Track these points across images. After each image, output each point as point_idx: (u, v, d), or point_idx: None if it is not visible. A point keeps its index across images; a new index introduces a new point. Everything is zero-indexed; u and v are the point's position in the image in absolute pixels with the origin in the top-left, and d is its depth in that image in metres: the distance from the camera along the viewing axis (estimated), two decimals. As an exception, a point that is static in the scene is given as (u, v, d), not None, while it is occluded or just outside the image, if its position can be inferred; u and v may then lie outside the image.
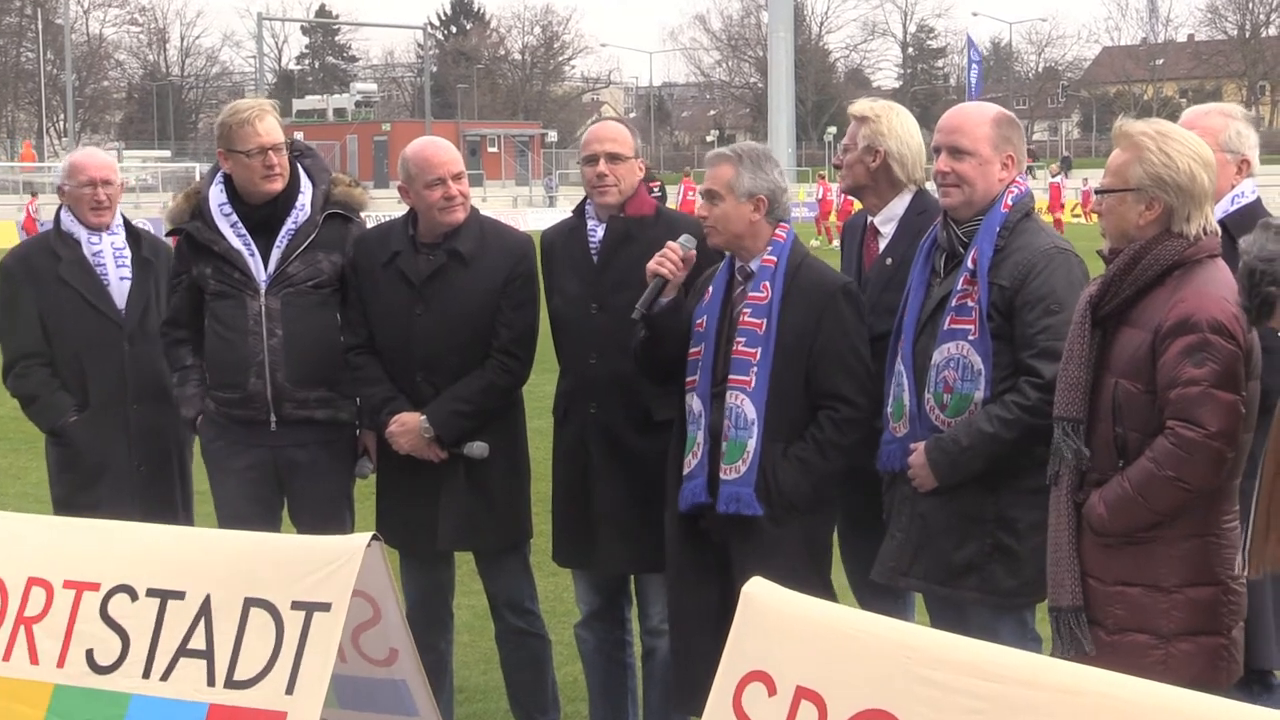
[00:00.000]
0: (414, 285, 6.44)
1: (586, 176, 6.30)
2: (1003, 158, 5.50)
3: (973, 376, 5.38)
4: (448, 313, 6.41)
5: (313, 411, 6.63)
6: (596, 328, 6.24)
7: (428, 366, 6.44)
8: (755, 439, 5.61)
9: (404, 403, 6.44)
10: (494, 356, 6.44)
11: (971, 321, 5.37)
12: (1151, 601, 4.81)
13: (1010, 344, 5.35)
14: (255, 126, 6.53)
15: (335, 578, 4.94)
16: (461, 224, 6.47)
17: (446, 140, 6.74)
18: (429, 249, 6.48)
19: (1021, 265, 5.36)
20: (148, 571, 5.21)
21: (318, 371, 6.61)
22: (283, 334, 6.55)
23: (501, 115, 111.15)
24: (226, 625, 5.03)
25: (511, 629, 6.74)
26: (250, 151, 6.53)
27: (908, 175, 6.16)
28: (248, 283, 6.58)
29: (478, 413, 6.41)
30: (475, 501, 6.47)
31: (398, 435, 6.43)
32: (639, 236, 6.22)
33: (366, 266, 6.54)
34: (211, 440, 6.75)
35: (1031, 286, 5.33)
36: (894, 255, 6.09)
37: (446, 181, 6.40)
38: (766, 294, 5.67)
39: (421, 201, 6.44)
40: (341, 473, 6.79)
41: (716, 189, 5.77)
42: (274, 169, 6.55)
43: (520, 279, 6.45)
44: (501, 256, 6.47)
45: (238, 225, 6.62)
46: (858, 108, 6.27)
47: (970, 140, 5.49)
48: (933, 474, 5.43)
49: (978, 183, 5.47)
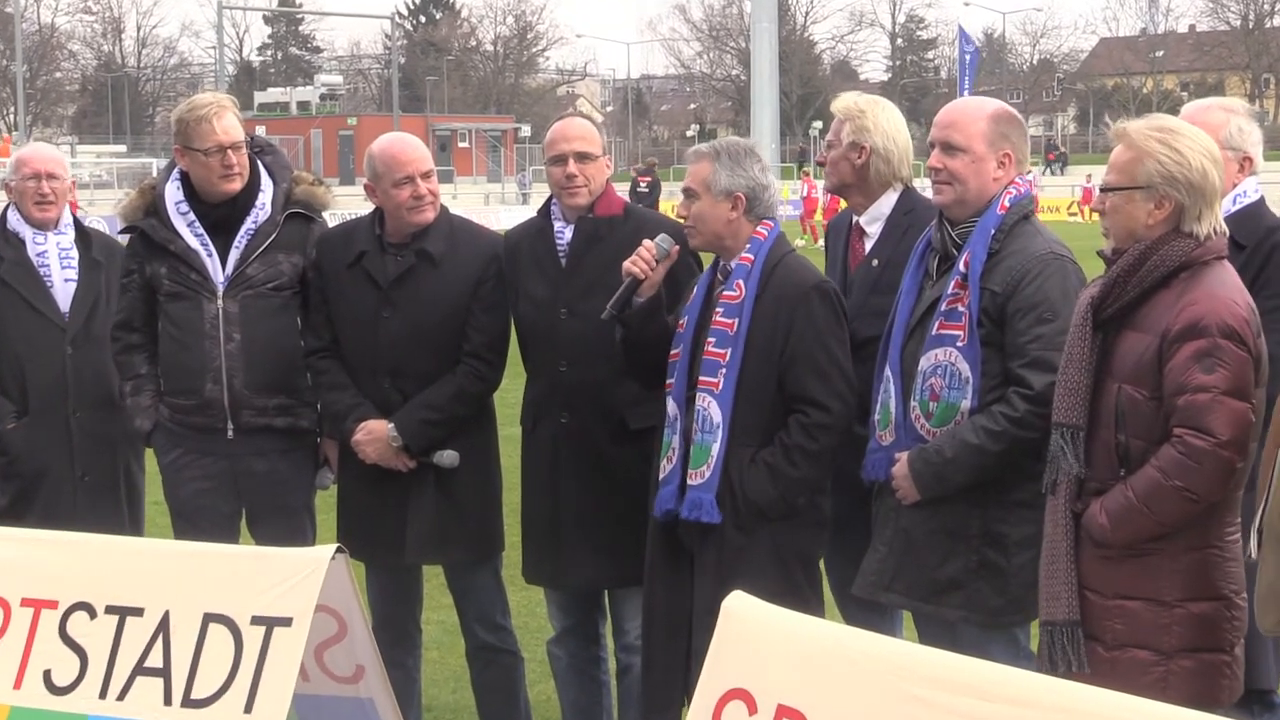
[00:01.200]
0: (381, 287, 6.44)
1: (554, 178, 6.30)
2: (999, 156, 5.49)
3: (960, 385, 5.37)
4: (416, 316, 6.41)
5: (272, 419, 6.62)
6: (566, 333, 6.24)
7: (395, 372, 6.44)
8: (720, 443, 5.61)
9: (370, 409, 6.44)
10: (465, 361, 6.43)
11: (961, 327, 5.36)
12: (1152, 616, 4.81)
13: (1000, 352, 5.35)
14: (213, 124, 6.52)
15: (297, 592, 4.92)
16: (431, 223, 6.46)
17: (415, 137, 6.73)
18: (397, 249, 6.48)
19: (1015, 270, 5.35)
20: (107, 588, 5.19)
21: (277, 377, 6.60)
22: (241, 338, 6.54)
23: (473, 109, 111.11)
24: (185, 642, 5.02)
25: (482, 645, 6.74)
26: (208, 150, 6.52)
27: (894, 173, 6.17)
28: (204, 284, 6.56)
29: (448, 420, 6.41)
30: (444, 512, 6.47)
31: (364, 444, 6.43)
32: (609, 237, 6.22)
33: (330, 267, 6.53)
34: (166, 450, 6.73)
35: (1024, 293, 5.32)
36: (880, 256, 6.09)
37: (415, 180, 6.40)
38: (740, 293, 5.66)
39: (389, 201, 6.44)
40: (302, 483, 6.79)
41: (694, 187, 5.78)
42: (232, 169, 6.54)
43: (492, 280, 6.45)
44: (472, 257, 6.47)
45: (195, 224, 6.61)
46: (841, 104, 6.27)
47: (963, 136, 5.48)
48: (915, 486, 5.43)
49: (970, 181, 5.46)
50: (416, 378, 6.42)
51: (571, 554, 6.29)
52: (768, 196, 5.80)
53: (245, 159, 6.60)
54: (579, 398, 6.23)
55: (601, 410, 6.22)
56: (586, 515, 6.25)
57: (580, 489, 6.26)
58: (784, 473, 5.62)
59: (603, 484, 6.23)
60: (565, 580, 6.42)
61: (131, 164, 71.39)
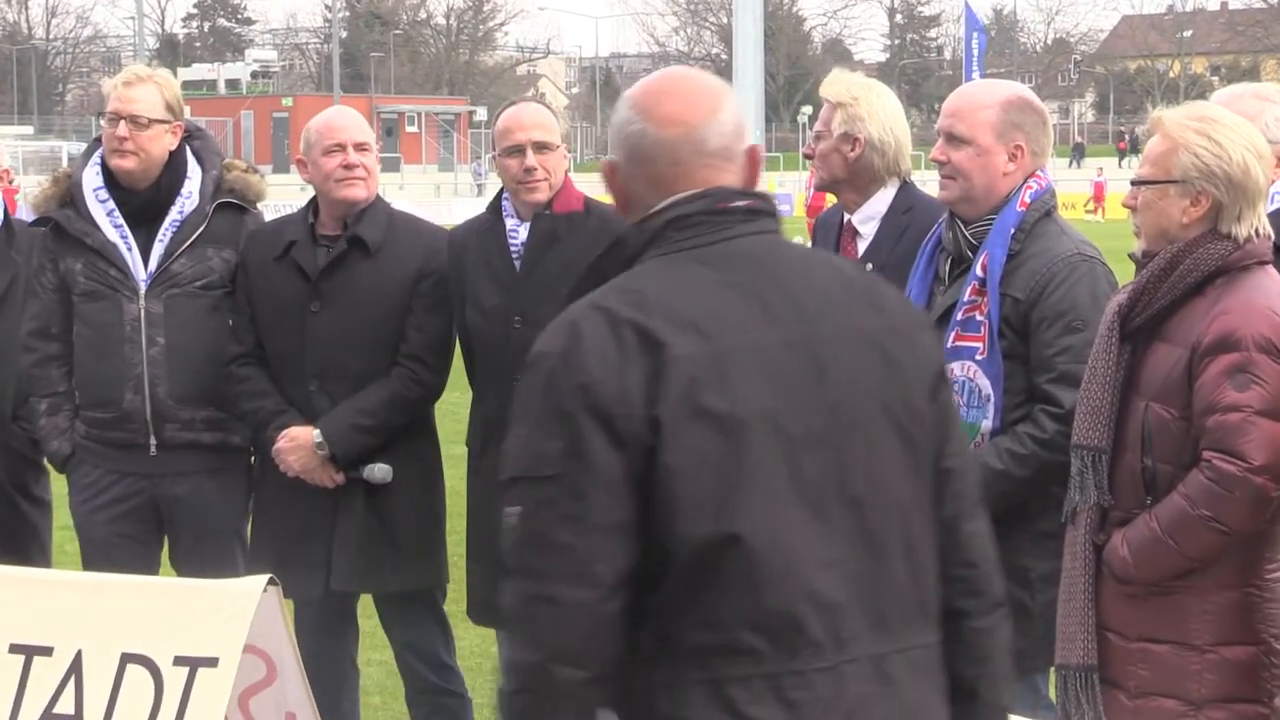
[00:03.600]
0: (309, 279, 6.44)
1: (510, 171, 6.28)
2: (1009, 148, 5.47)
3: (980, 403, 5.37)
4: (348, 310, 6.41)
5: (199, 434, 6.60)
6: (520, 345, 6.16)
7: (324, 373, 6.43)
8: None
9: (294, 416, 6.43)
10: (402, 364, 6.43)
11: (980, 338, 5.36)
12: (1181, 662, 4.80)
13: (1024, 366, 5.33)
14: (119, 90, 6.53)
15: (224, 629, 4.92)
16: (365, 209, 6.48)
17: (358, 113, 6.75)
18: (330, 239, 6.50)
19: (1039, 274, 5.35)
20: (11, 625, 5.18)
21: (205, 387, 6.57)
22: (165, 342, 6.51)
23: (423, 89, 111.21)
24: (99, 685, 5.01)
25: (426, 688, 6.72)
26: (107, 117, 6.54)
27: (890, 167, 6.16)
28: (124, 282, 6.53)
29: (381, 428, 6.40)
30: (376, 534, 6.45)
31: (287, 453, 6.40)
32: (568, 236, 6.22)
33: (257, 262, 6.53)
34: (79, 469, 6.70)
35: (1050, 300, 5.32)
36: (874, 260, 6.07)
37: (346, 148, 6.41)
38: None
39: (318, 172, 6.45)
40: (232, 507, 6.75)
41: None
42: (124, 141, 6.49)
43: (435, 275, 6.45)
44: (413, 248, 6.48)
45: (114, 214, 6.58)
46: (831, 89, 6.24)
47: (967, 126, 5.48)
48: None
49: (975, 176, 5.45)
50: (347, 380, 6.41)
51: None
52: None
53: (148, 139, 6.53)
54: (533, 417, 6.18)
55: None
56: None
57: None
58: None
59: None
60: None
61: (39, 147, 71.24)
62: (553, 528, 3.13)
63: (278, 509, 6.56)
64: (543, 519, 3.14)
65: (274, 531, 6.56)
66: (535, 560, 3.15)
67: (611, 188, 3.48)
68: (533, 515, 3.16)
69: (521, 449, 3.21)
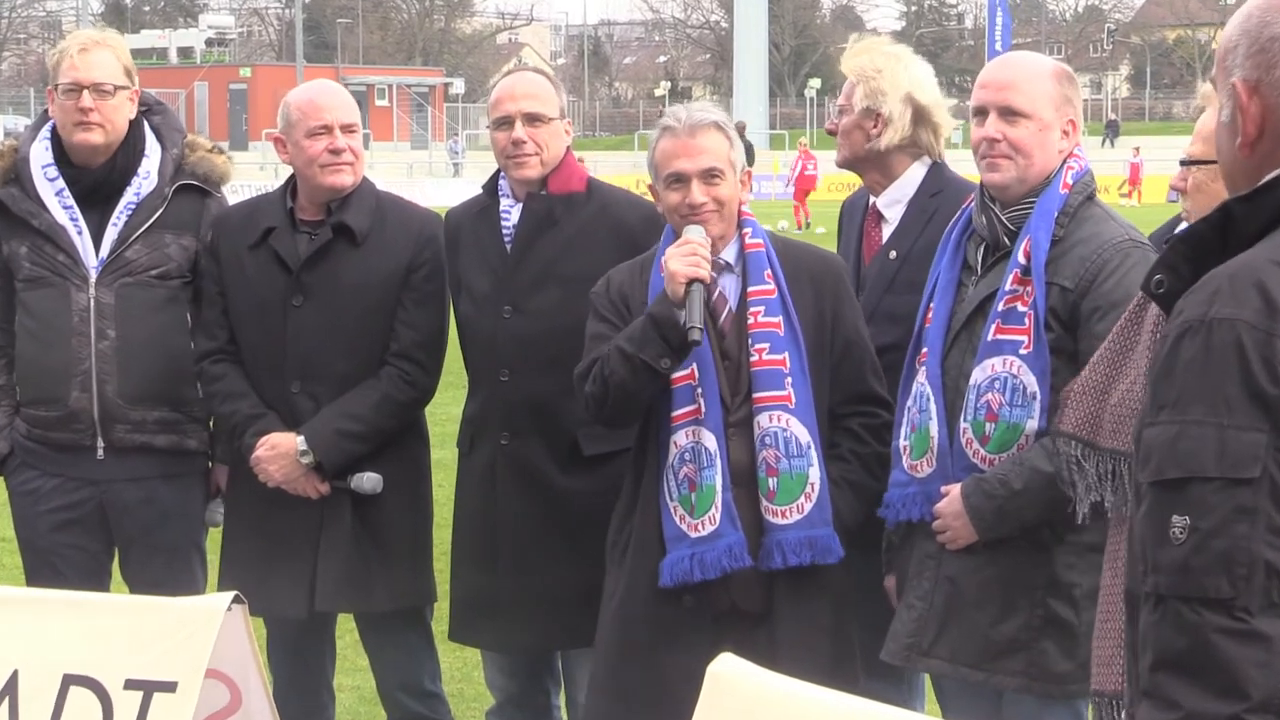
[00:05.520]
0: (291, 270, 6.42)
1: (499, 144, 6.28)
2: (1064, 123, 5.48)
3: (1024, 401, 5.35)
4: (333, 304, 6.40)
5: (152, 437, 6.60)
6: (509, 335, 6.22)
7: (307, 373, 6.42)
8: (819, 465, 5.62)
9: (275, 421, 6.41)
10: (392, 363, 6.42)
11: (1024, 331, 5.35)
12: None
13: (1073, 361, 5.29)
14: (74, 58, 6.52)
15: (183, 651, 4.90)
16: (352, 194, 6.46)
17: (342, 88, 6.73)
18: (312, 226, 6.47)
19: (1089, 261, 5.34)
20: (-60, 642, 5.17)
21: (160, 385, 6.58)
22: (116, 335, 6.51)
23: (394, 59, 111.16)
24: (38, 709, 5.00)
25: (408, 716, 6.72)
26: (65, 88, 6.52)
27: (921, 144, 6.16)
28: (73, 268, 6.53)
29: (370, 434, 6.39)
30: (365, 549, 6.44)
31: (267, 462, 6.38)
32: (565, 219, 6.22)
33: (230, 250, 6.50)
34: (19, 473, 6.71)
35: (1103, 289, 5.31)
36: (899, 248, 6.09)
37: (334, 131, 6.40)
38: (772, 285, 5.66)
39: (300, 156, 6.43)
40: (189, 516, 6.75)
41: (721, 167, 5.64)
42: (89, 113, 6.49)
43: (427, 266, 6.44)
44: (403, 237, 6.47)
45: (64, 194, 6.58)
46: (854, 61, 6.23)
47: (1027, 99, 5.46)
48: (972, 525, 5.39)
49: (1035, 154, 5.44)
50: (332, 381, 6.41)
51: (514, 608, 6.24)
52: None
53: (113, 109, 6.56)
54: (522, 414, 6.20)
55: (549, 430, 6.20)
56: (532, 559, 6.21)
57: (522, 525, 6.22)
58: (870, 489, 5.72)
59: (549, 520, 6.20)
60: (507, 640, 6.39)
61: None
62: (1255, 544, 2.83)
63: (254, 521, 6.53)
64: (1239, 533, 2.83)
65: (251, 546, 6.53)
66: (1227, 586, 2.84)
67: (1245, 114, 3.18)
68: (1223, 529, 2.84)
69: (1195, 441, 2.88)
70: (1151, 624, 2.92)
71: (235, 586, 5.68)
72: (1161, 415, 2.94)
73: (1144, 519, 2.98)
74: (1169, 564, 2.88)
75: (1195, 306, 2.94)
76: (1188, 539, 2.86)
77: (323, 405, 6.39)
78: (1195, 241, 3.12)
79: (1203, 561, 2.85)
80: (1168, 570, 2.89)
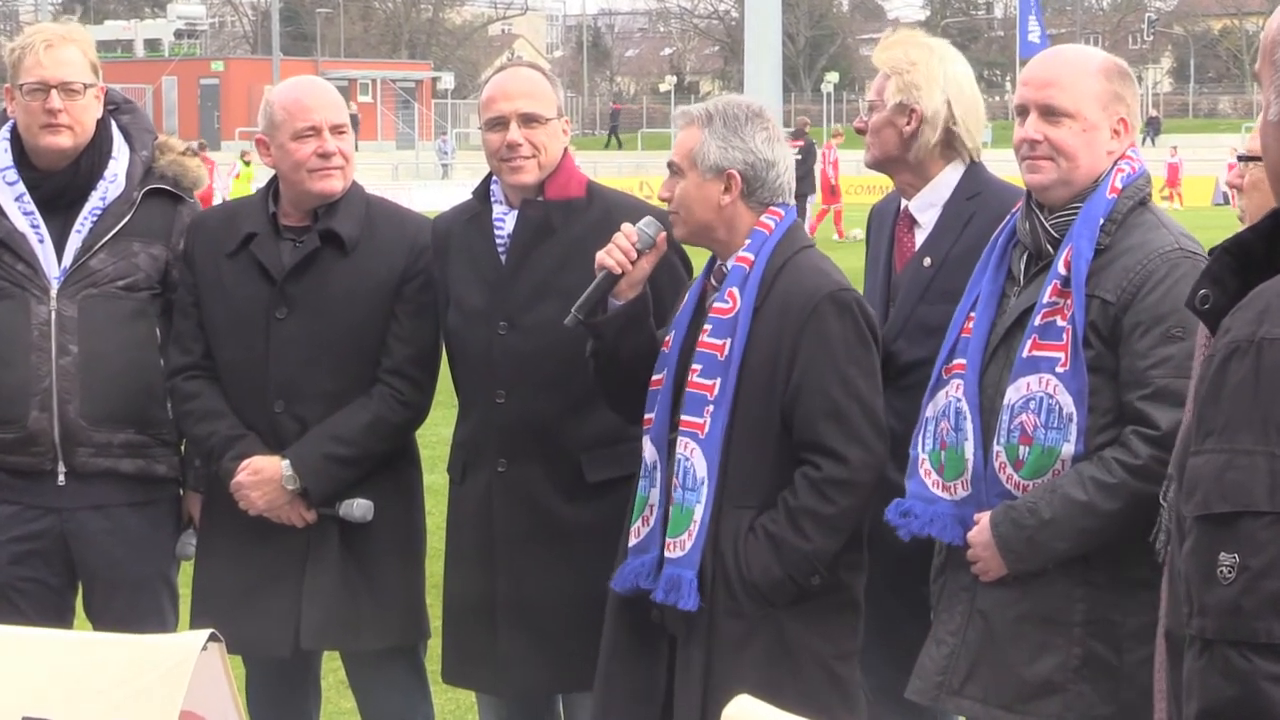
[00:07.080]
0: (274, 280, 6.42)
1: (492, 146, 6.26)
2: (1114, 122, 5.47)
3: (1060, 423, 5.33)
4: (320, 317, 6.40)
5: (117, 461, 6.59)
6: (505, 353, 6.21)
7: (291, 392, 6.42)
8: (705, 504, 5.60)
9: (256, 443, 6.40)
10: (384, 380, 6.42)
11: (1062, 347, 5.33)
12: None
13: (1114, 380, 5.32)
14: (39, 55, 6.51)
15: (155, 693, 4.88)
16: (340, 199, 6.46)
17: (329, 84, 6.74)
18: (296, 233, 6.46)
19: (1133, 272, 5.33)
20: (-112, 683, 5.15)
21: (126, 405, 6.57)
22: (79, 351, 6.50)
23: (377, 52, 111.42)
24: (-4, 758, 4.99)
25: (398, 762, 6.72)
26: (29, 88, 6.52)
27: (957, 143, 6.15)
28: (33, 279, 6.52)
29: (361, 458, 6.39)
30: (354, 582, 6.43)
31: (249, 487, 6.37)
32: (564, 227, 6.22)
33: (206, 258, 6.51)
34: (-27, 500, 6.69)
35: (1146, 302, 5.29)
36: (934, 254, 6.08)
37: (323, 133, 6.39)
38: (733, 305, 5.64)
39: (286, 159, 6.42)
40: (158, 548, 6.75)
41: (679, 161, 5.73)
42: (56, 115, 6.50)
43: (422, 276, 6.44)
44: (396, 245, 6.47)
45: (24, 199, 6.59)
46: (886, 54, 6.24)
47: (1071, 97, 5.45)
48: (1001, 556, 5.39)
49: (1080, 156, 5.43)
50: (318, 401, 6.41)
51: (511, 648, 6.24)
52: (774, 176, 5.76)
53: (82, 109, 6.57)
54: (520, 438, 6.19)
55: (551, 455, 6.20)
56: (530, 596, 6.21)
57: (519, 559, 6.22)
58: (791, 545, 5.57)
59: (549, 553, 6.20)
60: (503, 683, 6.37)
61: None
62: None
63: (232, 552, 6.52)
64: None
65: (229, 580, 6.52)
66: (1279, 630, 2.81)
67: None
68: (1275, 568, 2.80)
69: (1244, 472, 2.84)
70: (1197, 670, 2.89)
71: (211, 623, 5.64)
72: (1208, 443, 2.92)
73: (1189, 556, 2.96)
74: (1216, 605, 2.86)
75: (1243, 325, 2.92)
76: (1237, 579, 2.82)
77: (308, 427, 6.39)
78: (1242, 252, 3.10)
79: (1253, 603, 2.81)
80: (1215, 612, 2.86)
